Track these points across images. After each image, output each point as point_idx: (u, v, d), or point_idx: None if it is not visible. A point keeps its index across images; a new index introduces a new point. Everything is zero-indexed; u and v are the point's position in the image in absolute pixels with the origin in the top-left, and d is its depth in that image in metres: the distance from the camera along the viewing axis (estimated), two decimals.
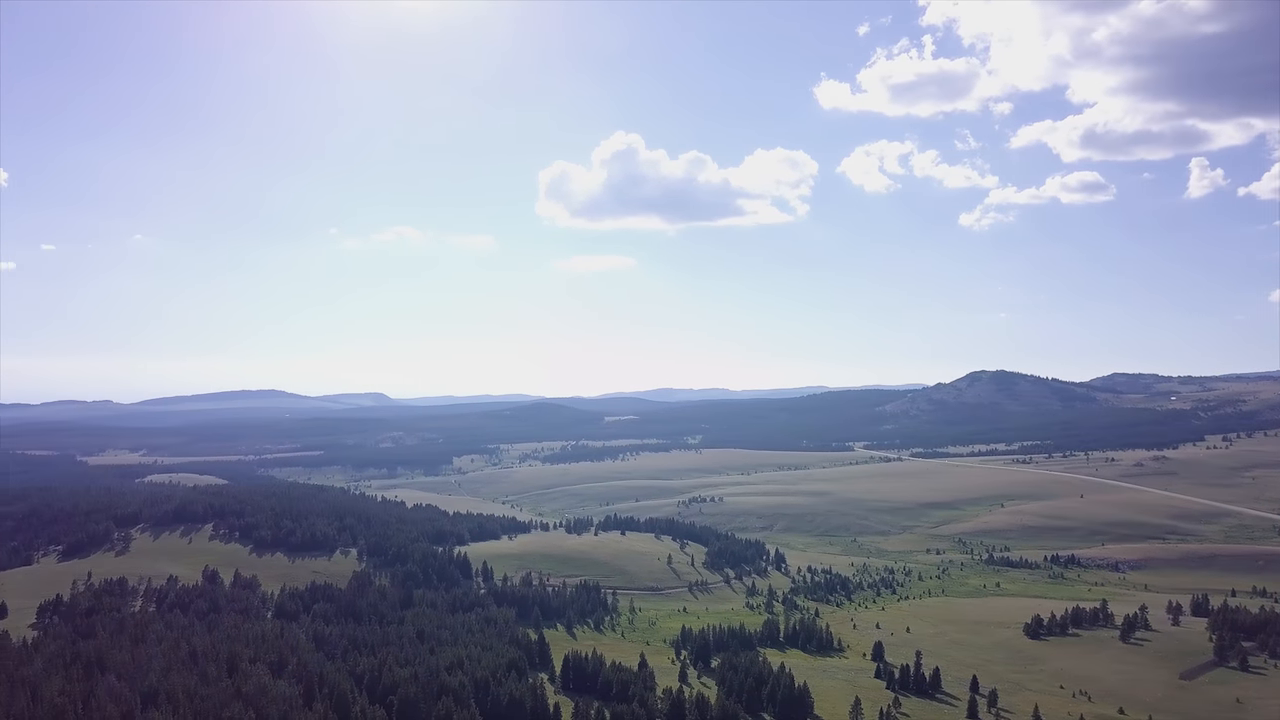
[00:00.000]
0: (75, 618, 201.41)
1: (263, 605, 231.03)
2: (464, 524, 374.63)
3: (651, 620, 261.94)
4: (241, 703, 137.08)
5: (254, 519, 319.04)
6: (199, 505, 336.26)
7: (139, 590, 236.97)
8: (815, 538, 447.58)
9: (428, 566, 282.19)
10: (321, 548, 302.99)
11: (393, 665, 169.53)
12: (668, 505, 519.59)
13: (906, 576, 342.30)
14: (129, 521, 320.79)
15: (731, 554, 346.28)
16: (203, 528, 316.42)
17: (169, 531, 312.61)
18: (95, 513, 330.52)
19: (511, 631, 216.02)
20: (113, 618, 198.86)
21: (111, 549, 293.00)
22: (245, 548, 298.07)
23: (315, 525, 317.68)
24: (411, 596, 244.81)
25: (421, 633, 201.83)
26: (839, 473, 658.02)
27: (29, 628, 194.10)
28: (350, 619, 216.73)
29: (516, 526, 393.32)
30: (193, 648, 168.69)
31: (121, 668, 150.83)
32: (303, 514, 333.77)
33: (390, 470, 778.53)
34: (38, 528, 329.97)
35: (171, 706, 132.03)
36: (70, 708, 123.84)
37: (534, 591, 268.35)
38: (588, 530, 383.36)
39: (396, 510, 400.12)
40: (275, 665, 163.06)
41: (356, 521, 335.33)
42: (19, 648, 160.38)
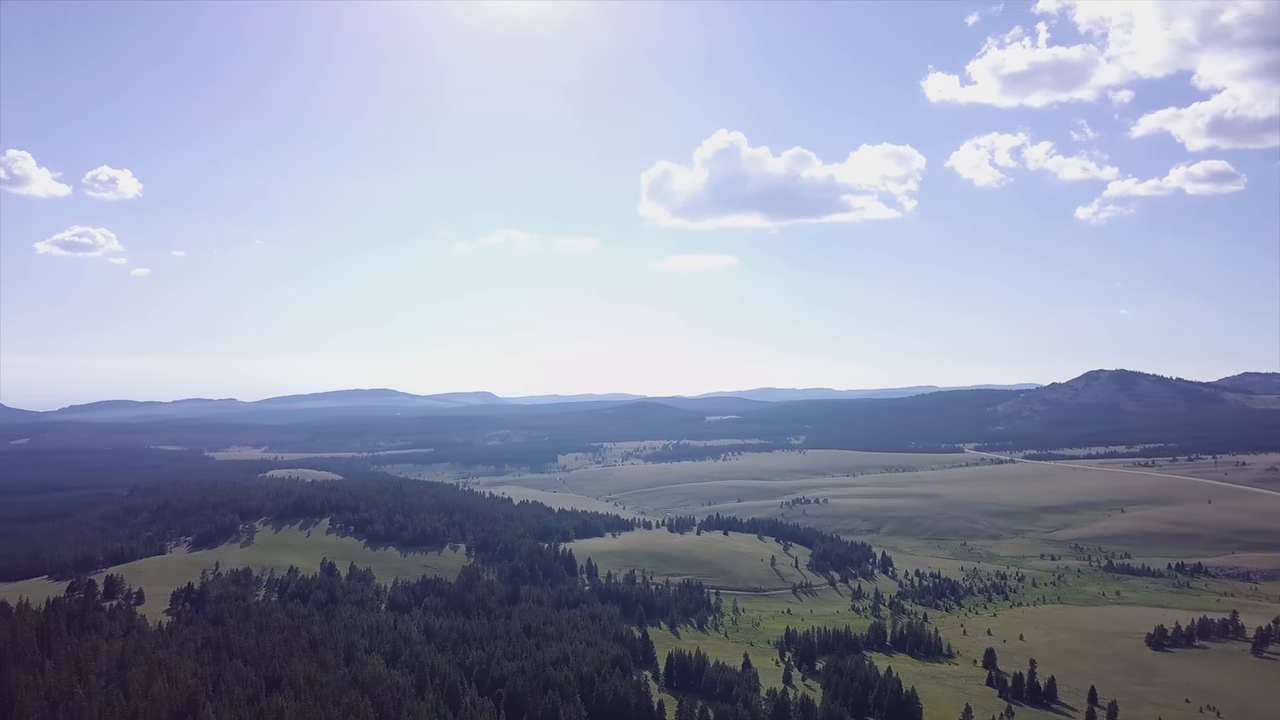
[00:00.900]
0: (205, 605, 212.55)
1: (376, 597, 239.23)
2: (569, 521, 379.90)
3: (755, 621, 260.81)
4: (358, 690, 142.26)
5: (368, 514, 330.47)
6: (317, 500, 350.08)
7: (262, 580, 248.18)
8: (923, 541, 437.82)
9: (534, 562, 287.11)
10: (432, 542, 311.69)
11: (501, 659, 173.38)
12: (770, 506, 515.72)
13: (1019, 582, 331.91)
14: (252, 515, 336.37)
15: (836, 556, 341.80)
16: (320, 522, 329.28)
17: (289, 525, 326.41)
18: (222, 506, 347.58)
19: (615, 628, 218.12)
20: (238, 606, 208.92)
21: (237, 540, 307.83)
22: (360, 541, 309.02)
23: (426, 521, 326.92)
24: (518, 591, 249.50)
25: (528, 627, 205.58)
26: (948, 475, 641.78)
27: (164, 613, 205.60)
28: (459, 612, 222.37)
29: (619, 524, 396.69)
30: (312, 636, 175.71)
31: (247, 653, 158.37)
32: (414, 509, 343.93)
33: (497, 467, 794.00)
34: (170, 519, 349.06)
35: (294, 692, 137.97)
36: (202, 690, 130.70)
37: (637, 589, 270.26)
38: (690, 529, 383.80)
39: (503, 507, 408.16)
40: (389, 655, 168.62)
41: (465, 517, 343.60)
42: (156, 632, 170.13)
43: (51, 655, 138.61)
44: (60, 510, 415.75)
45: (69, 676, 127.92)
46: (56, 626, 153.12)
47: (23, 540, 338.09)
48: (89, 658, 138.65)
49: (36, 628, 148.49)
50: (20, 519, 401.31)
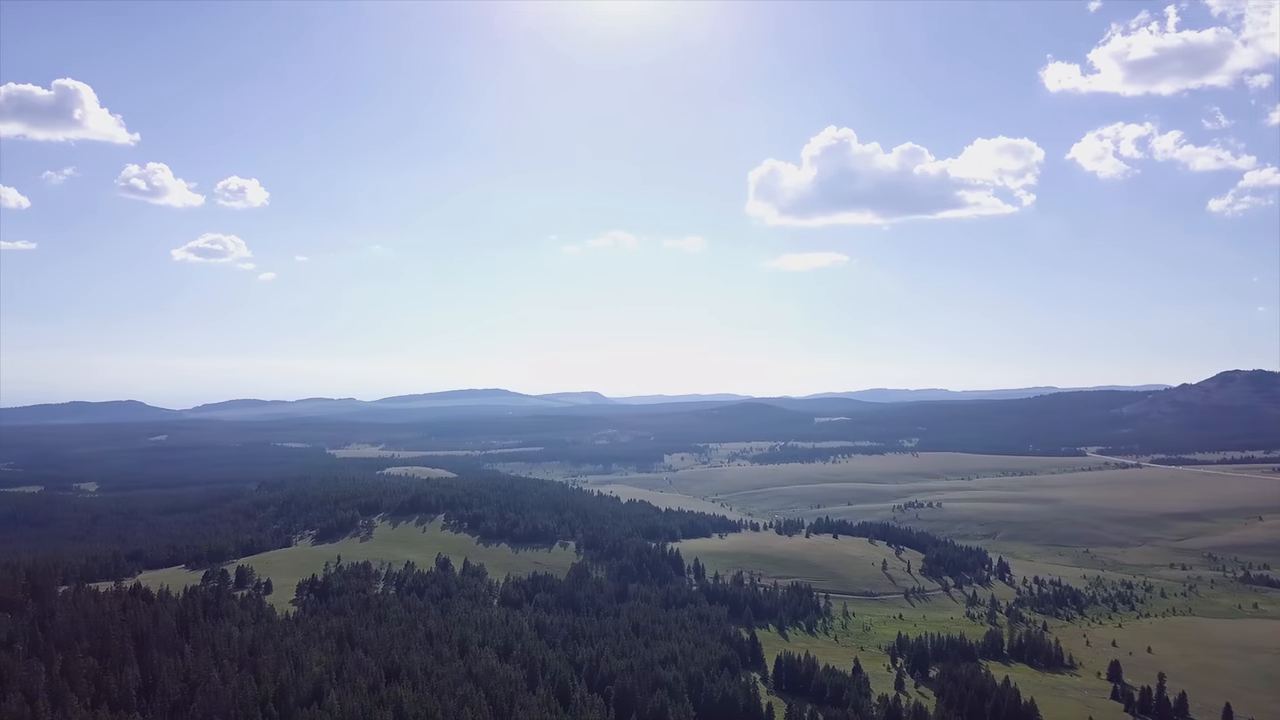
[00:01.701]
0: (328, 596, 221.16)
1: (489, 593, 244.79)
2: (676, 521, 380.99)
3: (865, 625, 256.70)
4: (472, 683, 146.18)
5: (481, 511, 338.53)
6: (432, 497, 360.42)
7: (380, 574, 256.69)
8: (1042, 547, 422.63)
9: (642, 561, 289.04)
10: (542, 540, 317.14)
11: (610, 656, 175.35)
12: (882, 509, 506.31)
13: (1147, 592, 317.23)
14: (371, 510, 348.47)
15: (951, 561, 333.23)
16: (435, 518, 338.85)
17: (406, 521, 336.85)
18: (343, 501, 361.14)
19: (724, 629, 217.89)
20: (359, 598, 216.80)
21: (357, 535, 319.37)
22: (473, 538, 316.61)
23: (536, 518, 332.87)
24: (626, 590, 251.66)
25: (636, 626, 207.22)
26: (1069, 479, 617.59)
27: (290, 603, 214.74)
28: (569, 609, 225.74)
29: (727, 525, 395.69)
30: (428, 629, 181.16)
31: (368, 644, 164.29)
32: (525, 507, 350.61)
33: (605, 466, 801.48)
34: (295, 513, 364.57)
35: (411, 682, 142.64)
36: (326, 677, 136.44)
37: (745, 591, 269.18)
38: (799, 532, 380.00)
39: (612, 505, 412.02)
40: (502, 650, 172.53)
41: (574, 515, 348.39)
42: (283, 621, 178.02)
43: (190, 640, 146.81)
44: (195, 503, 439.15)
45: (206, 660, 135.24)
46: (194, 613, 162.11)
47: (163, 531, 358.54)
48: (223, 643, 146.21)
49: (176, 614, 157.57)
50: (160, 511, 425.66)
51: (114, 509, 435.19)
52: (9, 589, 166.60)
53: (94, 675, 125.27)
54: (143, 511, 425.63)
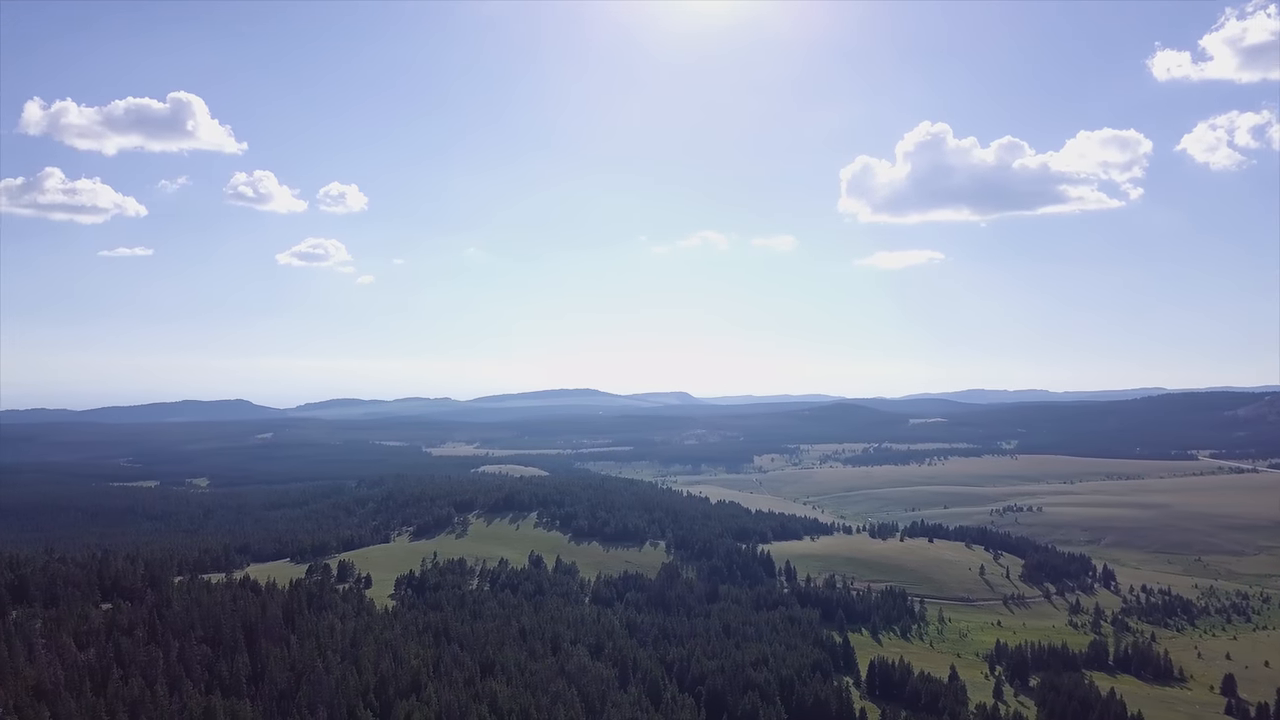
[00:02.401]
0: (425, 591, 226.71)
1: (581, 590, 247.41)
2: (766, 522, 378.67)
3: (962, 632, 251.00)
4: (565, 680, 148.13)
5: (573, 509, 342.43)
6: (525, 495, 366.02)
7: (475, 570, 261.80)
8: (1150, 555, 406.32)
9: (732, 562, 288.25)
10: (632, 539, 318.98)
11: (700, 657, 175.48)
12: (979, 513, 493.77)
13: (1264, 604, 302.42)
14: (466, 507, 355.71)
15: (1052, 568, 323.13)
16: (529, 516, 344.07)
17: (500, 518, 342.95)
18: (439, 499, 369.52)
19: (815, 633, 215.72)
20: (455, 594, 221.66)
21: (453, 531, 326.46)
22: (565, 536, 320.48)
23: (627, 517, 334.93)
24: (717, 591, 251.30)
25: (727, 627, 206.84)
26: (1179, 483, 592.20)
27: (389, 597, 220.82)
28: (659, 608, 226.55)
29: (818, 527, 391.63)
30: (521, 626, 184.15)
31: (463, 639, 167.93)
32: (615, 506, 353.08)
33: (694, 467, 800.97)
34: (393, 510, 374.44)
35: (505, 677, 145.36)
36: (424, 670, 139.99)
37: (837, 594, 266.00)
38: (893, 535, 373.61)
39: (701, 506, 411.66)
40: (593, 648, 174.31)
41: (664, 515, 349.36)
42: (383, 614, 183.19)
43: (295, 631, 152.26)
44: (299, 499, 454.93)
45: (310, 651, 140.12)
46: (299, 605, 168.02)
47: (269, 525, 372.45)
48: (327, 635, 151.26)
49: (282, 605, 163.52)
50: (266, 506, 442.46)
51: (224, 503, 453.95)
52: (129, 579, 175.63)
53: (207, 662, 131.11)
54: (250, 506, 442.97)
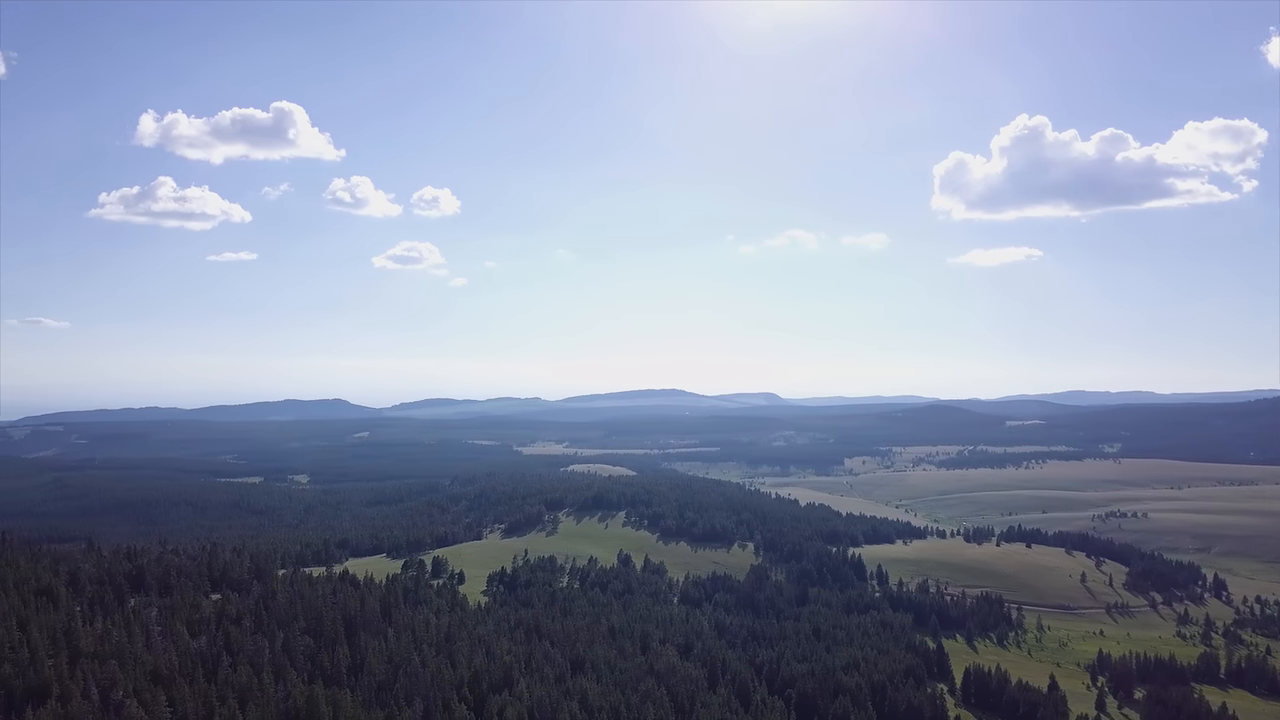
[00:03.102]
0: (516, 588, 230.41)
1: (669, 590, 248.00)
2: (857, 525, 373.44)
3: (1062, 641, 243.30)
4: (654, 679, 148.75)
5: (660, 509, 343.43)
6: (613, 494, 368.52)
7: (565, 568, 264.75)
8: (1266, 564, 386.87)
9: (822, 565, 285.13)
10: (720, 540, 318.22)
11: (790, 660, 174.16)
12: (1080, 519, 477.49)
13: None
14: (556, 506, 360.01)
15: (1158, 576, 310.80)
16: (617, 515, 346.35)
17: (589, 517, 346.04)
18: (530, 497, 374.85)
19: (908, 638, 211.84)
20: (545, 591, 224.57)
21: (543, 529, 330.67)
22: (653, 535, 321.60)
23: (715, 518, 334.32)
24: (807, 593, 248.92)
25: (817, 630, 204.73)
26: None
27: (481, 593, 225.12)
28: (748, 610, 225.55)
29: (911, 531, 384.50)
30: (611, 624, 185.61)
31: (554, 635, 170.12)
32: (703, 507, 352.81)
33: (782, 468, 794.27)
34: (485, 508, 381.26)
35: (595, 675, 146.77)
36: (516, 666, 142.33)
37: (931, 599, 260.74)
38: (989, 540, 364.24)
39: (790, 508, 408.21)
40: (682, 648, 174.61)
41: (753, 517, 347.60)
42: (476, 610, 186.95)
43: (392, 624, 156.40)
44: (394, 496, 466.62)
45: (407, 644, 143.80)
46: (395, 599, 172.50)
47: (366, 521, 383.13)
48: (422, 629, 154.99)
49: (380, 599, 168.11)
50: (363, 502, 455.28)
51: (323, 499, 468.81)
52: (236, 571, 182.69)
53: (310, 653, 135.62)
54: (348, 503, 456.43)
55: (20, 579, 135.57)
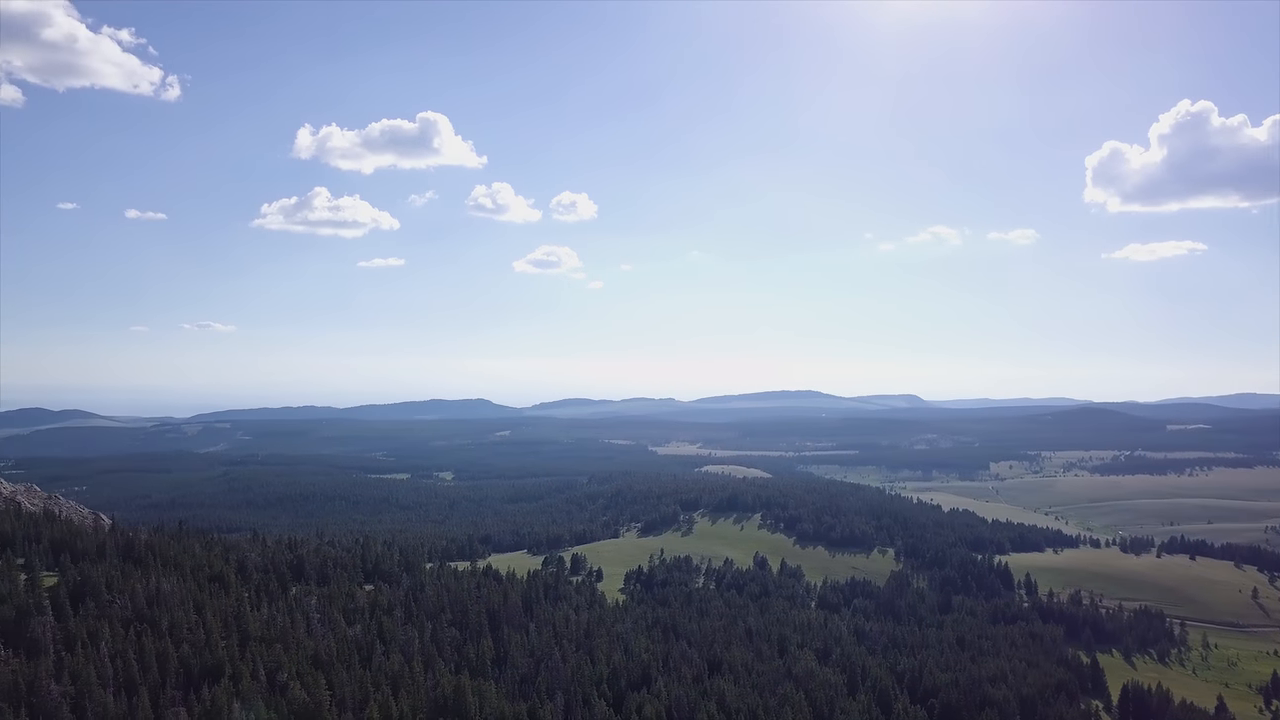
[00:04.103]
0: (653, 587, 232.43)
1: (806, 594, 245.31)
2: (1004, 532, 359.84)
3: (1231, 660, 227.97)
4: (792, 683, 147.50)
5: (797, 512, 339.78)
6: (749, 496, 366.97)
7: (700, 569, 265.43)
8: None
9: (966, 573, 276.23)
10: (859, 544, 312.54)
11: (933, 669, 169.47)
12: (1251, 530, 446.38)
13: None
14: (691, 506, 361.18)
15: None
16: (752, 517, 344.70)
17: (723, 518, 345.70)
18: (665, 497, 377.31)
19: (1059, 651, 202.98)
20: (681, 591, 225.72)
21: (678, 530, 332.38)
22: (789, 538, 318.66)
23: (853, 522, 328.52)
24: (950, 601, 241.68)
25: (961, 639, 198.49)
26: None
27: (618, 591, 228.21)
28: (889, 617, 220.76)
29: (1061, 540, 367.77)
30: (748, 626, 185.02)
31: (690, 636, 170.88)
32: (841, 511, 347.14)
33: (924, 473, 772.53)
34: (621, 506, 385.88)
35: (733, 677, 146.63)
36: (654, 664, 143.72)
37: (1084, 611, 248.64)
38: (1148, 550, 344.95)
39: (932, 513, 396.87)
40: (820, 652, 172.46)
41: (893, 522, 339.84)
42: (614, 608, 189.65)
43: (534, 619, 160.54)
44: (534, 494, 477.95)
45: (548, 639, 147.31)
46: (536, 595, 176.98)
47: (507, 518, 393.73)
48: (562, 625, 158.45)
49: (522, 595, 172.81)
50: (505, 499, 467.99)
51: (467, 496, 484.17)
52: (387, 563, 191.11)
53: (456, 644, 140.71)
54: (490, 499, 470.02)
55: (196, 565, 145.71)
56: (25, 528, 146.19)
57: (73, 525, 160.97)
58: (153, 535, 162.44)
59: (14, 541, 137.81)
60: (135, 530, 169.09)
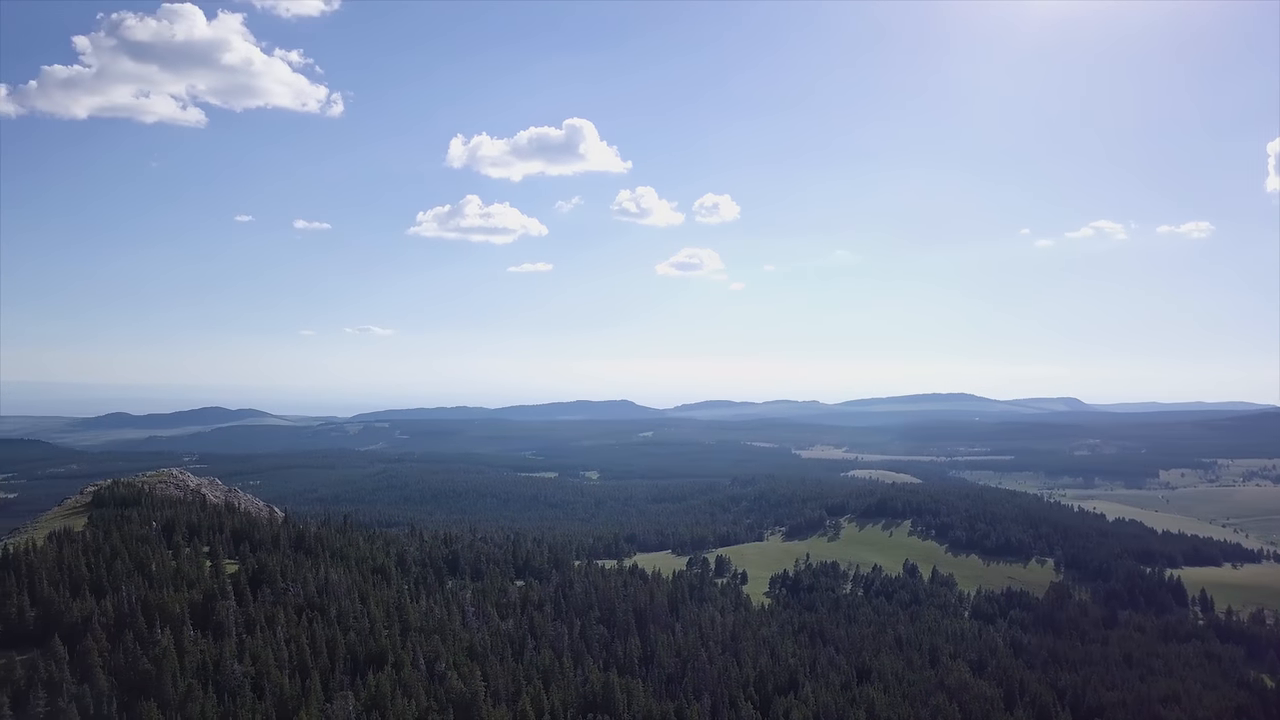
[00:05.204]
0: (798, 592, 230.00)
1: (959, 604, 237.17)
2: (1175, 544, 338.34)
3: None
4: (945, 694, 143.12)
5: (949, 519, 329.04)
6: (898, 502, 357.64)
7: (848, 575, 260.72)
8: None
9: (1133, 586, 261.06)
10: (1016, 553, 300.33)
11: (1098, 686, 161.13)
12: None
13: None
14: (837, 511, 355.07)
15: None
16: (901, 523, 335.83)
17: (871, 524, 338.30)
18: (810, 501, 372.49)
19: (1239, 673, 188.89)
20: (828, 596, 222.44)
21: (824, 534, 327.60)
22: (941, 546, 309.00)
23: (1010, 530, 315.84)
24: (1115, 616, 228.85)
25: (1128, 656, 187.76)
26: None
27: (763, 595, 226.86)
28: (1048, 630, 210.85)
29: (1241, 554, 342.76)
30: (898, 635, 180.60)
31: (838, 642, 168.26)
32: (997, 518, 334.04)
33: (1086, 480, 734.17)
34: (765, 510, 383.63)
35: (883, 685, 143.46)
36: (801, 670, 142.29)
37: (1268, 632, 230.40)
38: None
39: (1095, 522, 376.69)
40: (975, 664, 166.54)
41: (1052, 530, 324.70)
42: (759, 611, 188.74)
43: (679, 619, 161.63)
44: (677, 494, 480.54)
45: (694, 640, 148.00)
46: (682, 595, 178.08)
47: (651, 518, 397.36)
48: (708, 626, 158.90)
49: (667, 594, 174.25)
50: (648, 499, 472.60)
51: (612, 495, 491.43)
52: (537, 559, 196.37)
53: (604, 641, 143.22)
54: (635, 499, 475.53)
55: (360, 558, 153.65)
56: (210, 518, 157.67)
57: (250, 517, 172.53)
58: (321, 528, 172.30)
59: (200, 530, 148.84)
60: (305, 523, 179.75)
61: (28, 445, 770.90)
